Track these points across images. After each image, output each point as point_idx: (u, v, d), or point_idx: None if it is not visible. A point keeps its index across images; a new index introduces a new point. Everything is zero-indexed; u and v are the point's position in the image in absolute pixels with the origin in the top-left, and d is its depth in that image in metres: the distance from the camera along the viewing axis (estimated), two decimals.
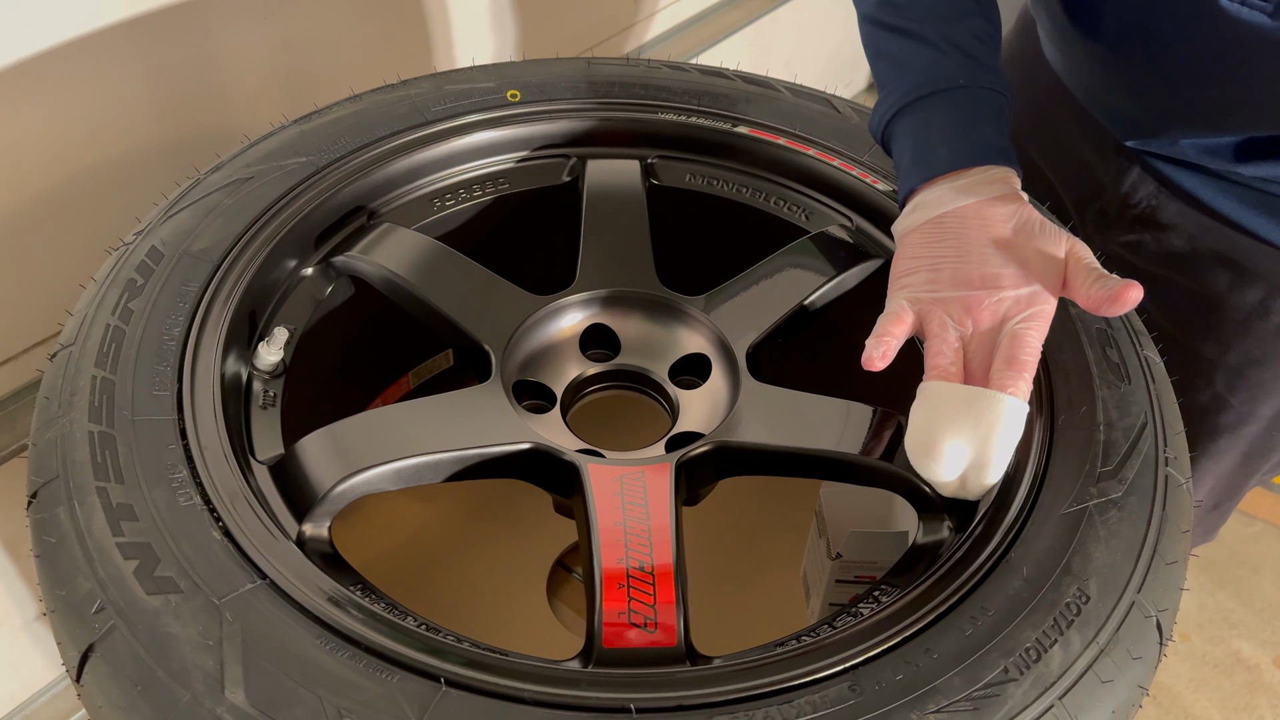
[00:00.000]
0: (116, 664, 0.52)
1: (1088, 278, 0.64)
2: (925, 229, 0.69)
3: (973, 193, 0.68)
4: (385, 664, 0.52)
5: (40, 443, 0.62)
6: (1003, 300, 0.66)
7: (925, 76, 0.71)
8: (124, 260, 0.70)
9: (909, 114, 0.72)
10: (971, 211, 0.68)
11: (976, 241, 0.67)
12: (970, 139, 0.70)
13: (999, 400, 0.62)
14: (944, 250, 0.68)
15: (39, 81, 0.89)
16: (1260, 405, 0.89)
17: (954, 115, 0.71)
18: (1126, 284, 0.62)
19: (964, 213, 0.68)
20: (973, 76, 0.71)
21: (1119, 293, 0.62)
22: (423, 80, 0.88)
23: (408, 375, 0.99)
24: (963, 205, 0.68)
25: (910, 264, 0.69)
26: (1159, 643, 0.58)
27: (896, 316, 0.67)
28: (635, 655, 0.58)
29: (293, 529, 0.61)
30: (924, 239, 0.69)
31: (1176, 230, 0.85)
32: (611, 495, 0.64)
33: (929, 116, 0.71)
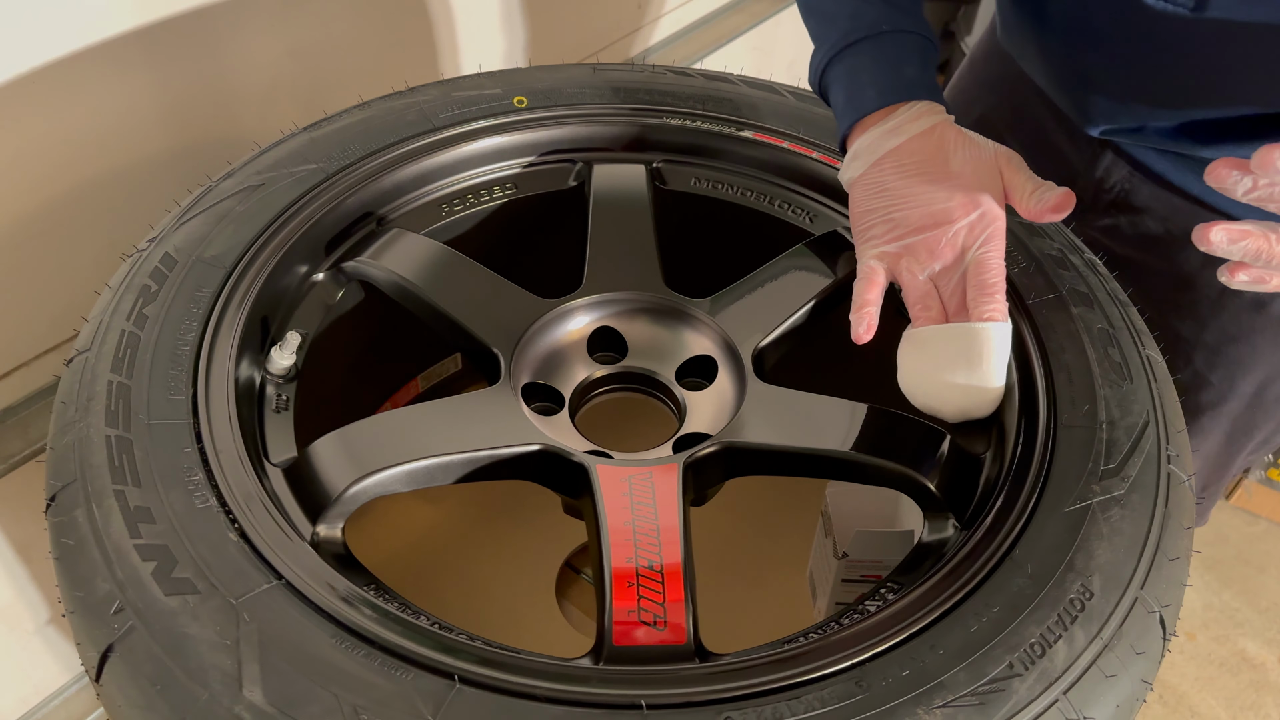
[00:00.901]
0: (135, 664, 0.53)
1: (1025, 188, 0.69)
2: (868, 178, 0.74)
3: (902, 132, 0.72)
4: (400, 662, 0.53)
5: (58, 447, 0.63)
6: (958, 232, 0.70)
7: (851, 25, 0.75)
8: (138, 267, 0.71)
9: (839, 63, 0.76)
10: (905, 152, 0.72)
11: (918, 181, 0.72)
12: (895, 79, 0.74)
13: (983, 331, 0.68)
14: (891, 198, 0.72)
15: (51, 89, 0.90)
16: (1239, 381, 0.90)
17: (879, 58, 0.75)
18: (1063, 193, 0.67)
19: (898, 154, 0.72)
20: (895, 22, 0.75)
21: (1057, 202, 0.67)
22: (431, 87, 0.89)
23: (417, 379, 1.00)
24: (896, 146, 0.72)
25: (865, 217, 0.74)
26: (1162, 638, 0.58)
27: (869, 280, 0.72)
28: (645, 653, 0.58)
29: (307, 530, 0.62)
30: (870, 189, 0.74)
31: (1150, 213, 0.87)
32: (620, 495, 0.65)
33: (857, 63, 0.75)
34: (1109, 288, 0.76)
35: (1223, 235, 0.55)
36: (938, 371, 0.70)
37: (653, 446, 0.74)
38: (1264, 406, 0.93)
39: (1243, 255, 0.56)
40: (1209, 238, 0.56)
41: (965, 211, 0.70)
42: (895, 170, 0.72)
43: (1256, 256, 0.56)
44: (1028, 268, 0.77)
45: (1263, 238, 0.55)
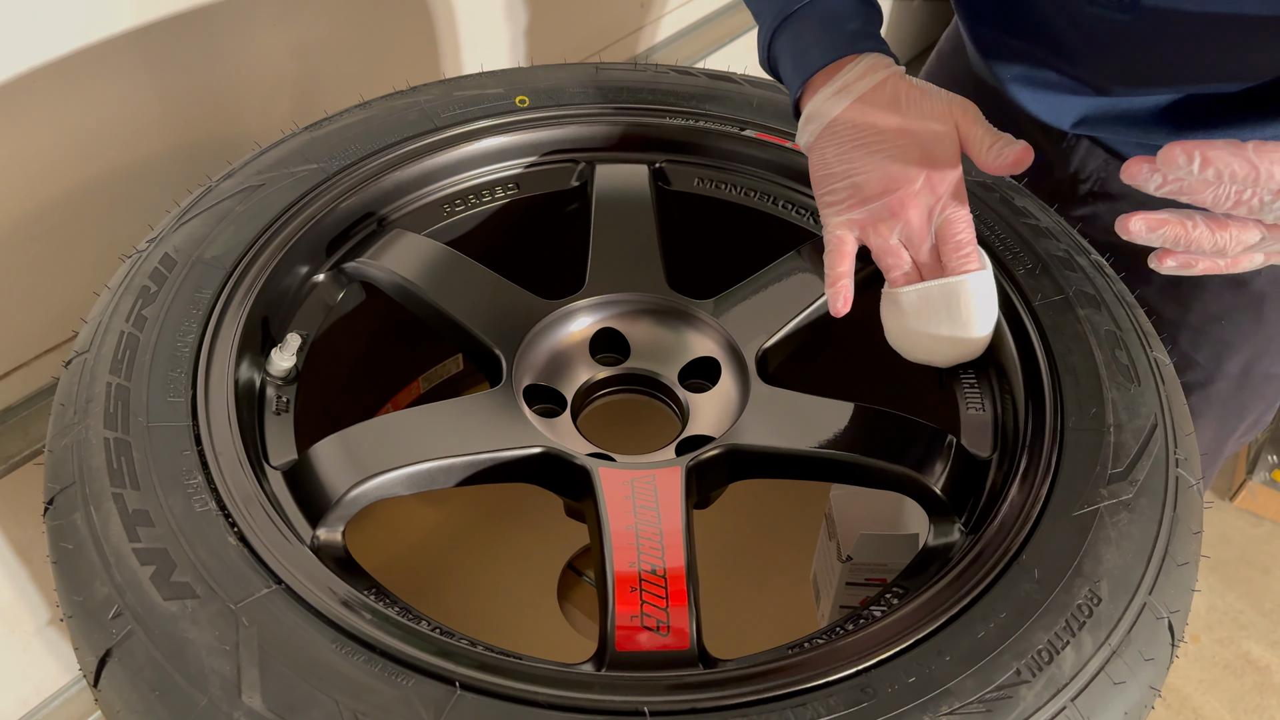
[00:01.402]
0: (134, 669, 0.52)
1: (983, 141, 0.68)
2: (823, 142, 0.73)
3: (851, 90, 0.72)
4: (400, 668, 0.52)
5: (56, 449, 0.62)
6: (919, 192, 0.71)
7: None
8: (137, 267, 0.71)
9: (783, 32, 0.76)
10: (856, 112, 0.71)
11: (873, 142, 0.71)
12: (836, 36, 0.73)
13: (962, 283, 0.70)
14: (849, 162, 0.72)
15: (51, 89, 0.89)
16: (1225, 361, 0.91)
17: (821, 20, 0.74)
18: (1021, 147, 0.66)
19: (850, 116, 0.71)
20: None
21: (1015, 156, 0.66)
22: (432, 86, 0.88)
23: (418, 380, 1.00)
24: (846, 107, 0.71)
25: (825, 182, 0.74)
26: (1171, 644, 0.58)
27: (838, 251, 0.72)
28: (648, 658, 0.58)
29: (307, 534, 0.62)
30: (826, 153, 0.73)
31: (1128, 199, 0.88)
32: (623, 499, 0.65)
33: (800, 28, 0.75)
34: (1116, 289, 0.76)
35: (1141, 224, 0.57)
36: (922, 328, 0.72)
37: (656, 449, 0.74)
38: (1252, 385, 0.94)
39: (1163, 242, 0.58)
40: (1129, 227, 0.57)
41: (924, 169, 0.70)
42: (849, 132, 0.71)
43: (1176, 242, 0.58)
44: (1034, 269, 0.76)
45: (1179, 224, 0.57)
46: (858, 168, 0.71)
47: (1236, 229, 0.57)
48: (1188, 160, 0.53)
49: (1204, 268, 0.61)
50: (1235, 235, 0.57)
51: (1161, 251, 0.60)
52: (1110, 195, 0.90)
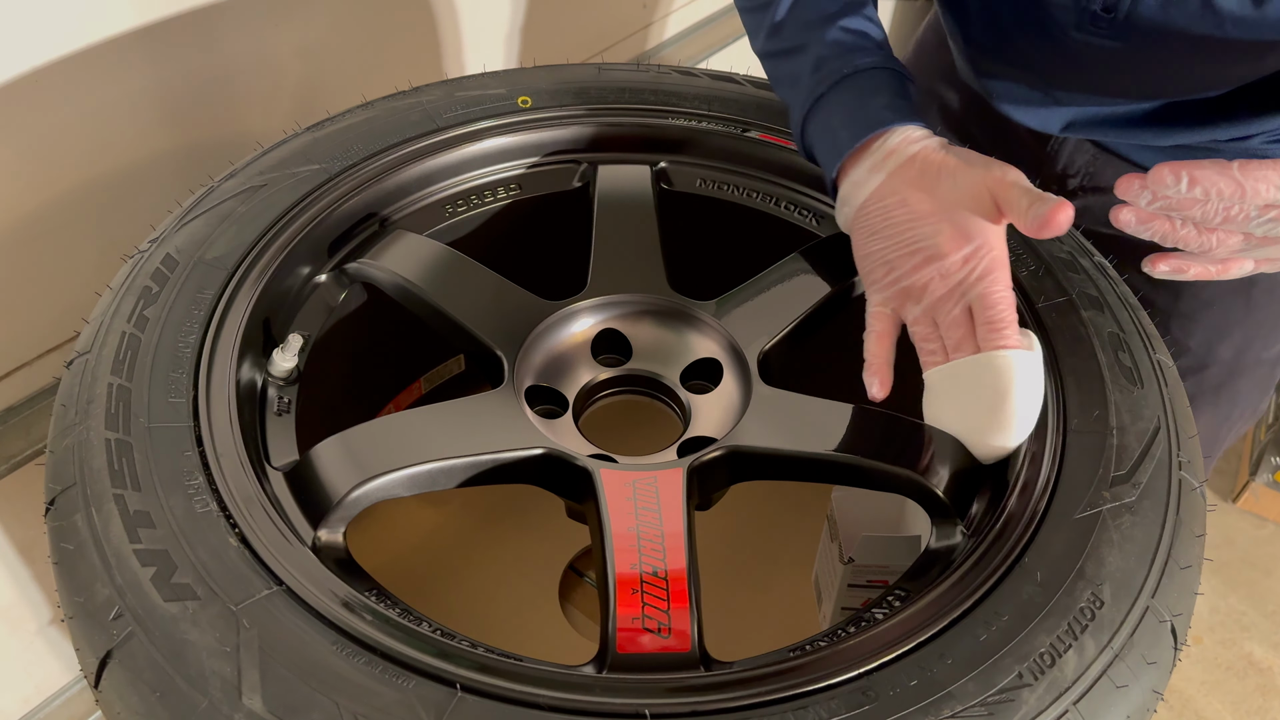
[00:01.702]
0: (135, 670, 0.52)
1: (1020, 204, 0.64)
2: (858, 223, 0.73)
3: (881, 169, 0.71)
4: (401, 669, 0.52)
5: (58, 450, 0.62)
6: (950, 267, 0.67)
7: (816, 79, 0.75)
8: (139, 268, 0.71)
9: (813, 119, 0.75)
10: (886, 190, 0.70)
11: (901, 222, 0.70)
12: (863, 115, 0.72)
13: (991, 360, 0.65)
14: (883, 240, 0.71)
15: (53, 89, 0.89)
16: (1217, 347, 0.92)
17: (846, 100, 0.73)
18: (1058, 205, 0.61)
19: (881, 194, 0.71)
20: (855, 63, 0.74)
21: (1049, 217, 0.61)
22: (434, 87, 0.88)
23: (420, 380, 1.00)
24: (876, 186, 0.71)
25: (865, 262, 0.73)
26: (1173, 647, 0.58)
27: (876, 334, 0.71)
28: (649, 660, 0.58)
29: (308, 535, 0.62)
30: (863, 233, 0.72)
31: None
32: (624, 500, 0.65)
33: (828, 114, 0.74)
34: (1119, 291, 0.75)
35: (1131, 216, 0.59)
36: (952, 411, 0.68)
37: (657, 450, 0.73)
38: (1244, 371, 0.95)
39: (1151, 235, 0.60)
40: (1120, 218, 0.59)
41: (956, 245, 0.67)
42: (879, 212, 0.71)
43: (1164, 237, 0.60)
44: (1037, 270, 0.76)
45: (1167, 221, 0.59)
46: (888, 247, 0.70)
47: (1222, 233, 0.59)
48: (1175, 180, 0.55)
49: (1195, 273, 0.63)
50: (1220, 239, 0.59)
51: (1155, 256, 0.62)
52: (1100, 189, 0.91)
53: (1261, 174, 0.54)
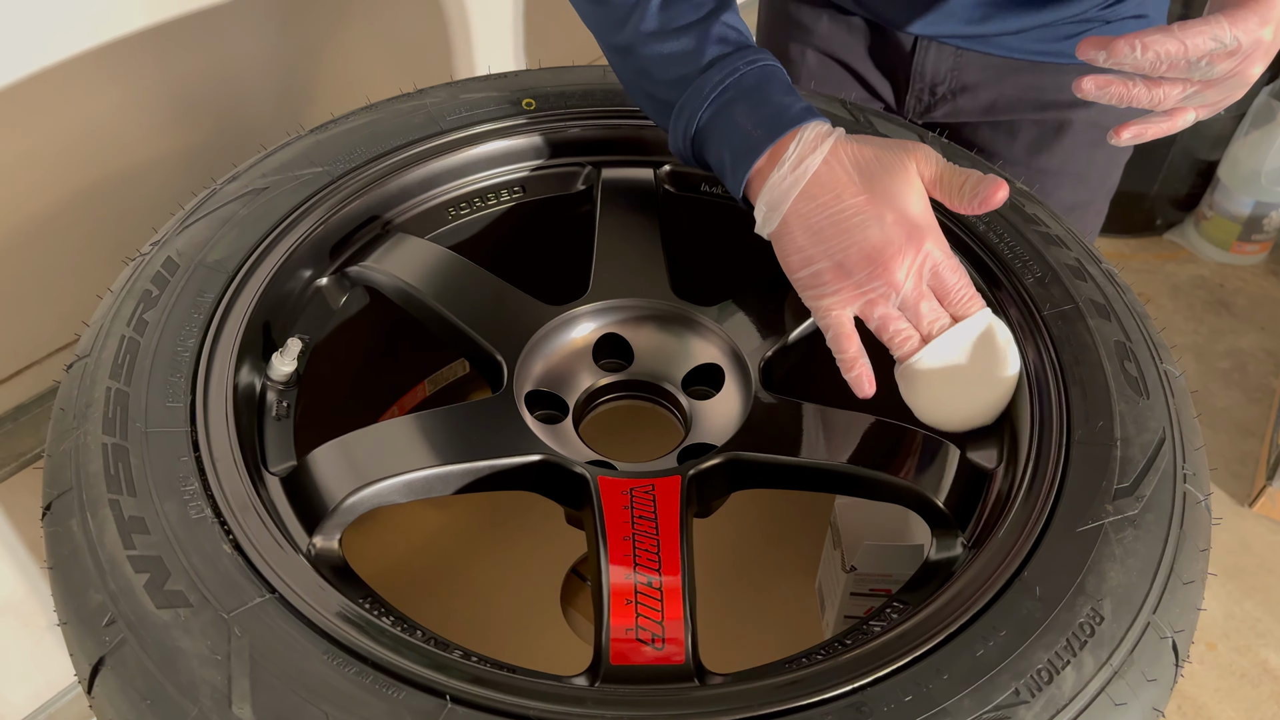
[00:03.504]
0: (126, 677, 0.52)
1: (952, 185, 0.68)
2: (790, 228, 0.70)
3: (805, 166, 0.69)
4: (391, 680, 0.52)
5: (55, 454, 0.62)
6: (904, 253, 0.68)
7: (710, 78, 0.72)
8: (140, 271, 0.71)
9: (716, 119, 0.72)
10: (817, 187, 0.69)
11: (844, 217, 0.68)
12: (772, 112, 0.70)
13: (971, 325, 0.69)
14: (826, 241, 0.69)
15: (60, 91, 0.90)
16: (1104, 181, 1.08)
17: (752, 98, 0.71)
18: (995, 185, 0.67)
19: (812, 192, 0.69)
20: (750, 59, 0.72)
21: (988, 197, 0.67)
22: (438, 89, 0.88)
23: (424, 383, 1.00)
24: (807, 184, 0.69)
25: (805, 267, 0.70)
26: (1175, 664, 0.57)
27: (843, 333, 0.69)
28: (642, 672, 0.57)
29: (303, 541, 0.62)
30: (798, 239, 0.70)
31: (983, 85, 0.99)
32: (621, 508, 0.64)
33: (732, 113, 0.71)
34: (1127, 299, 0.74)
35: (1091, 84, 0.66)
36: (948, 386, 0.69)
37: (658, 456, 0.73)
38: None
39: (1108, 99, 0.66)
40: (1082, 87, 0.66)
41: (900, 229, 0.68)
42: (816, 211, 0.69)
43: (1120, 99, 0.66)
44: (1043, 278, 0.75)
45: (1122, 84, 0.66)
46: (836, 245, 0.68)
47: (1167, 85, 0.67)
48: (1131, 50, 0.63)
49: (1153, 133, 0.70)
50: (1166, 91, 0.67)
51: (1118, 128, 0.70)
52: (967, 87, 1.00)
53: (1197, 29, 0.63)
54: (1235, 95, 0.70)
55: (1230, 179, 2.19)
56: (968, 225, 0.78)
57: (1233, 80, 0.67)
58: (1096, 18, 0.92)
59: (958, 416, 0.71)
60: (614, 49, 0.77)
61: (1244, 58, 0.65)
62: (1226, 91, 0.69)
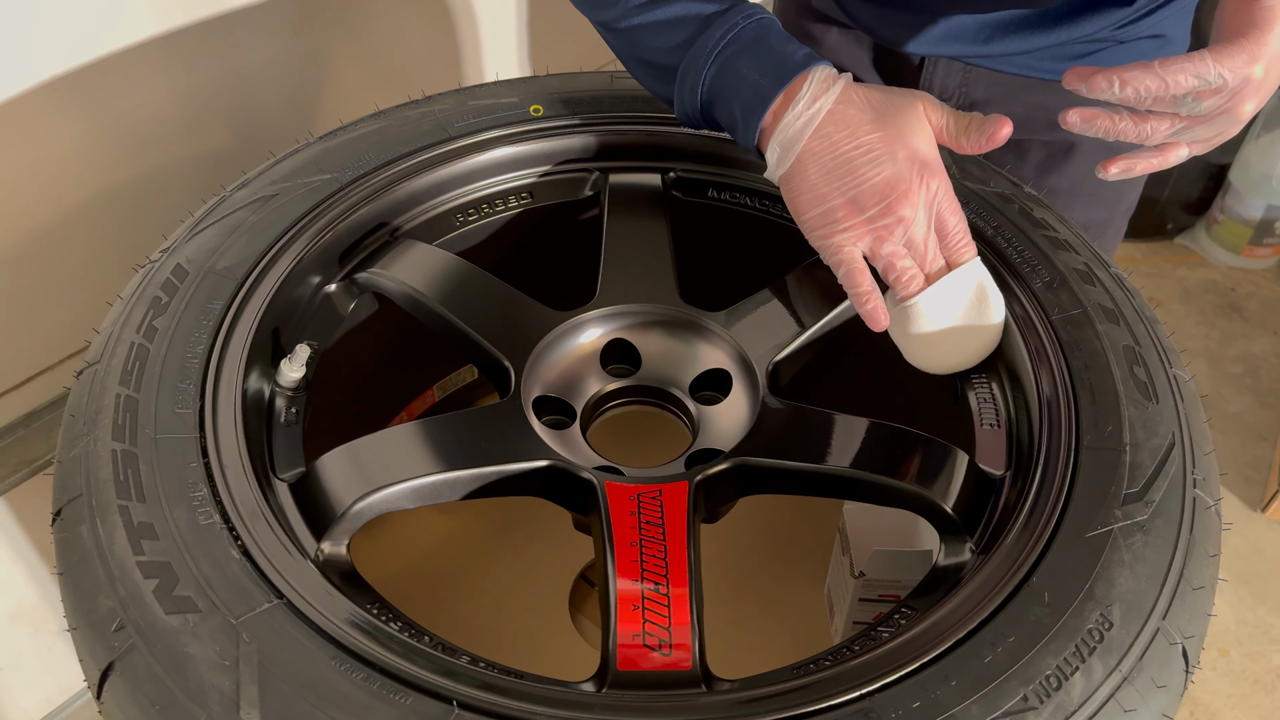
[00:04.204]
0: (135, 683, 0.52)
1: (957, 126, 0.71)
2: (804, 166, 0.70)
3: (819, 108, 0.70)
4: (399, 685, 0.52)
5: (65, 460, 0.62)
6: (916, 191, 0.69)
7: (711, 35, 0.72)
8: (149, 278, 0.71)
9: (722, 74, 0.73)
10: (831, 124, 0.70)
11: (858, 154, 0.69)
12: (778, 61, 0.71)
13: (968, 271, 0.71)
14: (840, 178, 0.70)
15: (70, 100, 0.90)
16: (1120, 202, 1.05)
17: (756, 51, 0.72)
18: (999, 121, 0.69)
19: (826, 130, 0.70)
20: (749, 14, 0.73)
21: (993, 132, 0.69)
22: (446, 96, 0.88)
23: (432, 389, 1.00)
24: (821, 121, 0.70)
25: (815, 205, 0.71)
26: (1185, 670, 0.57)
27: (856, 269, 0.70)
28: (649, 678, 0.57)
29: (311, 547, 0.62)
30: (810, 176, 0.70)
31: (992, 103, 0.95)
32: (628, 514, 0.64)
33: (738, 66, 0.72)
34: (1136, 303, 0.74)
35: (1077, 116, 0.66)
36: (943, 329, 0.72)
37: (665, 462, 0.73)
38: None
39: (1094, 131, 0.67)
40: (1067, 119, 0.66)
41: (914, 169, 0.69)
42: (829, 149, 0.70)
43: (1106, 132, 0.66)
44: (1052, 282, 0.75)
45: (1108, 117, 0.66)
46: (850, 181, 0.69)
47: (1155, 120, 0.67)
48: (1109, 85, 0.63)
49: (1141, 168, 0.70)
50: (1154, 126, 0.67)
51: (1106, 161, 0.70)
52: (975, 104, 0.96)
53: (1179, 66, 0.62)
54: (1229, 131, 0.68)
55: (1242, 183, 2.18)
56: (975, 230, 0.78)
57: (1223, 117, 0.66)
58: (1110, 38, 0.88)
59: (947, 362, 0.74)
60: (607, 25, 0.78)
61: (1232, 95, 0.64)
62: (1219, 128, 0.67)
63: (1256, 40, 0.63)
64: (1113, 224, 1.07)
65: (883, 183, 0.69)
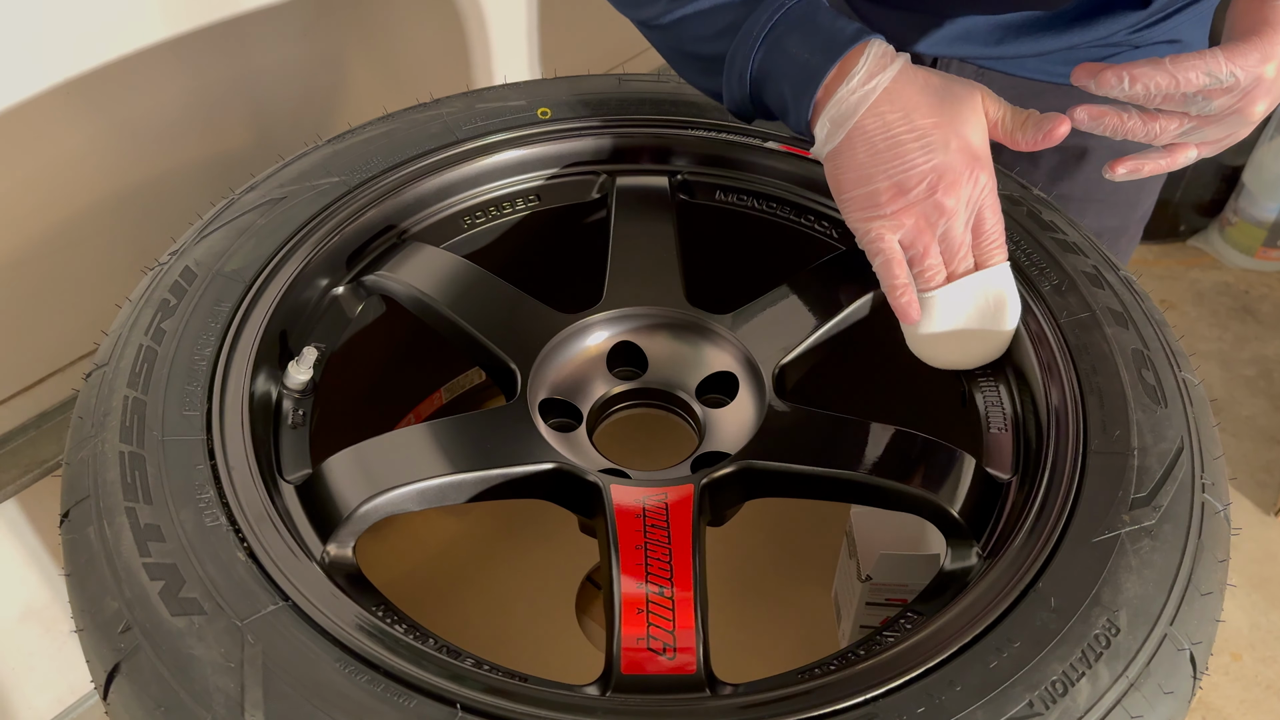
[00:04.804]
0: (141, 684, 0.52)
1: (1012, 123, 0.68)
2: (853, 144, 0.68)
3: (873, 81, 0.67)
4: (403, 689, 0.52)
5: (73, 462, 0.63)
6: (963, 184, 0.68)
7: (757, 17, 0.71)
8: (158, 280, 0.72)
9: (770, 57, 0.71)
10: (886, 103, 0.67)
11: (910, 138, 0.67)
12: (828, 37, 0.69)
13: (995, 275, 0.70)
14: (888, 161, 0.67)
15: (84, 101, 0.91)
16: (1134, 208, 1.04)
17: (803, 29, 0.70)
18: (1057, 120, 0.66)
19: (880, 110, 0.67)
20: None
21: (1052, 130, 0.67)
22: (454, 99, 0.88)
23: (440, 391, 1.00)
24: (876, 99, 0.67)
25: (859, 186, 0.69)
26: (1193, 676, 0.56)
27: (892, 258, 0.69)
28: (654, 682, 0.57)
29: (317, 549, 0.62)
30: (858, 155, 0.68)
31: None
32: (633, 517, 0.64)
33: (785, 46, 0.70)
34: (1145, 306, 0.74)
35: (1085, 114, 0.66)
36: (955, 327, 0.71)
37: (671, 465, 0.73)
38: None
39: (1103, 130, 0.66)
40: (1075, 116, 0.66)
41: (965, 161, 0.67)
42: (882, 129, 0.67)
43: (1114, 131, 0.66)
44: (1061, 285, 0.74)
45: (1116, 115, 0.66)
46: (898, 165, 0.67)
47: (1164, 119, 0.66)
48: (1119, 81, 0.62)
49: (1149, 169, 0.69)
50: (1163, 125, 0.66)
51: (1113, 162, 0.69)
52: None
53: (1189, 64, 0.62)
54: (1240, 133, 0.67)
55: (1255, 184, 2.17)
56: None
57: (1234, 117, 0.65)
58: (1124, 42, 0.87)
59: (949, 359, 0.73)
60: (648, 23, 0.77)
61: (1244, 94, 0.63)
62: (1229, 129, 0.66)
63: (1270, 39, 0.62)
64: (1126, 231, 1.05)
65: (931, 170, 0.67)
